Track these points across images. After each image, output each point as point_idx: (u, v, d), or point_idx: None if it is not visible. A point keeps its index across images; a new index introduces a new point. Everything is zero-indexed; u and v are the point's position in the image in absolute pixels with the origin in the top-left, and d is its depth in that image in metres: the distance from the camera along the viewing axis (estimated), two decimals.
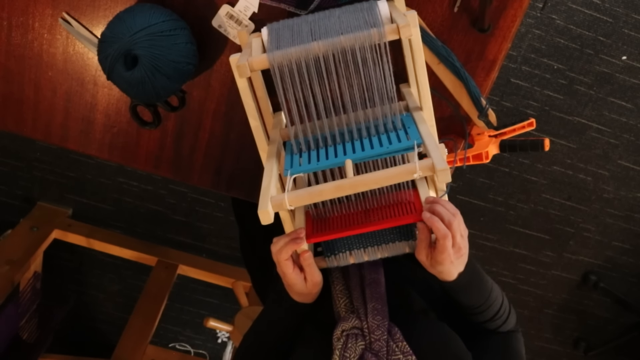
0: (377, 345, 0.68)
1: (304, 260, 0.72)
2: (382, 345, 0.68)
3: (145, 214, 1.99)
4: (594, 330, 2.39)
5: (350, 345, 0.68)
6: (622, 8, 1.69)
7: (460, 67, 0.80)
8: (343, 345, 0.69)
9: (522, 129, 0.98)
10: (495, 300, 0.78)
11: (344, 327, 0.71)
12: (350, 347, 0.68)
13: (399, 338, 0.68)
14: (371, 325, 0.70)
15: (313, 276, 0.74)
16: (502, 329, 0.81)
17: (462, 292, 0.75)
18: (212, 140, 0.93)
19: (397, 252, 0.79)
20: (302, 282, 0.74)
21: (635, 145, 1.95)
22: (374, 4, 0.69)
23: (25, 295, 1.74)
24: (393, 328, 0.70)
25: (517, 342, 0.81)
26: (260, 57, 0.65)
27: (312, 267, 0.73)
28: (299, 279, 0.74)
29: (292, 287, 0.75)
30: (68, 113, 0.91)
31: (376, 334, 0.69)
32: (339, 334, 0.71)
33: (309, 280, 0.74)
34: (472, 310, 0.78)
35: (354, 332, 0.70)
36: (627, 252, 2.19)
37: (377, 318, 0.71)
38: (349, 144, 0.69)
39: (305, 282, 0.74)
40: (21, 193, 1.94)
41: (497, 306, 0.79)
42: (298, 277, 0.73)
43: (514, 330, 0.83)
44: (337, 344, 0.69)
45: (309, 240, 0.72)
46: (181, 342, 2.34)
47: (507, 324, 0.81)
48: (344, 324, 0.71)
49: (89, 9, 0.84)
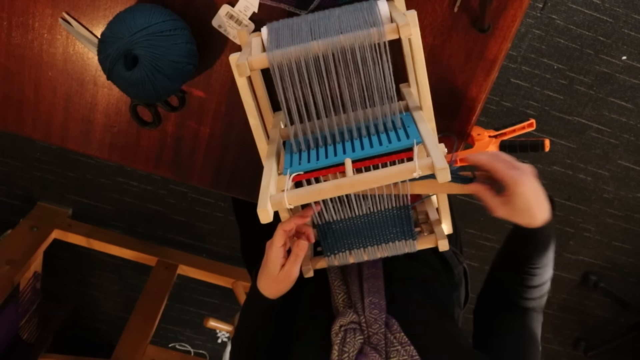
0: (376, 339, 0.69)
1: (297, 246, 0.72)
2: (380, 338, 0.69)
3: (145, 214, 1.99)
4: (594, 330, 2.39)
5: (348, 339, 0.69)
6: (622, 8, 1.69)
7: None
8: (342, 340, 0.69)
9: (522, 129, 0.98)
10: (550, 268, 0.79)
11: (342, 322, 0.71)
12: (349, 341, 0.69)
13: (396, 329, 0.69)
14: (369, 319, 0.71)
15: (291, 269, 0.73)
16: (537, 302, 0.81)
17: (540, 243, 0.75)
18: (212, 140, 0.93)
19: (397, 251, 0.79)
20: (279, 265, 0.73)
21: (635, 145, 1.95)
22: (373, 4, 0.69)
23: (25, 295, 1.74)
24: (390, 320, 0.71)
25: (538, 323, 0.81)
26: (260, 56, 0.65)
27: (297, 259, 0.73)
28: (278, 258, 0.73)
29: (267, 263, 0.74)
30: (68, 113, 0.92)
31: (374, 327, 0.70)
32: (337, 329, 0.71)
33: (285, 269, 0.73)
34: (535, 270, 0.77)
35: (352, 326, 0.71)
36: (627, 252, 2.19)
37: (374, 312, 0.71)
38: (349, 143, 0.69)
39: (280, 268, 0.74)
40: (21, 193, 1.94)
41: (549, 274, 0.79)
42: (278, 256, 0.73)
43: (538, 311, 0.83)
44: (336, 339, 0.70)
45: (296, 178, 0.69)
46: (181, 342, 2.34)
47: (544, 299, 0.82)
48: (342, 319, 0.72)
49: (89, 9, 0.84)
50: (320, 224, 0.77)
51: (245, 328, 0.83)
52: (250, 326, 0.82)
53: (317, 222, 0.77)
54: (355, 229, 0.77)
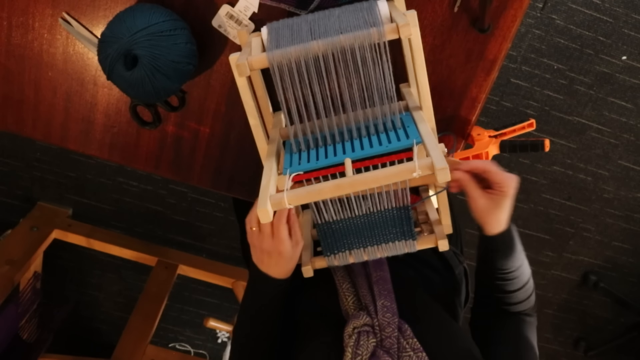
0: (388, 343, 0.69)
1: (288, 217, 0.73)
2: (393, 342, 0.68)
3: (145, 214, 1.99)
4: (594, 330, 2.39)
5: (362, 342, 0.68)
6: (622, 8, 1.69)
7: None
8: (355, 342, 0.69)
9: (522, 129, 0.98)
10: (526, 269, 0.80)
11: (356, 324, 0.71)
12: (362, 344, 0.68)
13: (409, 335, 0.69)
14: (382, 323, 0.70)
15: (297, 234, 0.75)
16: (524, 305, 0.82)
17: (507, 248, 0.77)
18: (212, 140, 0.93)
19: (396, 252, 0.79)
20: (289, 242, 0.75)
21: (635, 145, 1.95)
22: (373, 4, 0.69)
23: (25, 295, 1.74)
24: (403, 325, 0.70)
25: (530, 328, 0.82)
26: (260, 56, 0.65)
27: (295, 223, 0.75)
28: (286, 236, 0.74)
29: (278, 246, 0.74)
30: (68, 113, 0.92)
31: (387, 331, 0.70)
32: (351, 330, 0.71)
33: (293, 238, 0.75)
34: (507, 275, 0.79)
35: (365, 329, 0.70)
36: (627, 252, 2.19)
37: (387, 315, 0.71)
38: (349, 143, 0.69)
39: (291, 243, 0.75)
40: (21, 193, 1.94)
41: (527, 276, 0.81)
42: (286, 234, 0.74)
43: (529, 314, 0.83)
44: (349, 340, 0.69)
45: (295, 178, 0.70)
46: (181, 342, 2.34)
47: (530, 299, 0.82)
48: (355, 321, 0.71)
49: (89, 9, 0.84)
50: (320, 224, 0.77)
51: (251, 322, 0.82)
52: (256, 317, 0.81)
53: (317, 222, 0.77)
54: (355, 229, 0.77)
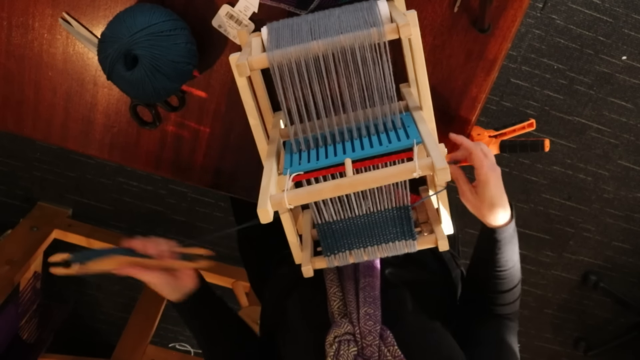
0: (369, 351, 0.69)
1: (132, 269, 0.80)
2: (374, 350, 0.69)
3: (145, 214, 1.99)
4: (594, 330, 2.39)
5: (342, 352, 0.69)
6: (622, 8, 1.69)
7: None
8: (335, 351, 0.69)
9: (522, 129, 0.98)
10: (518, 272, 0.81)
11: (337, 333, 0.71)
12: (342, 353, 0.69)
13: (390, 342, 0.69)
14: (363, 331, 0.71)
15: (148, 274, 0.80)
16: (510, 308, 0.83)
17: (504, 244, 0.77)
18: (212, 140, 0.93)
19: (396, 252, 0.79)
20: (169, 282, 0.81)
21: (635, 145, 1.95)
22: (373, 4, 0.69)
23: (25, 295, 1.74)
24: (385, 332, 0.70)
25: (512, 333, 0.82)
26: (260, 56, 0.65)
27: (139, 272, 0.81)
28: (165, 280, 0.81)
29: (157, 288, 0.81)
30: (68, 113, 0.92)
31: (368, 339, 0.70)
32: (332, 339, 0.71)
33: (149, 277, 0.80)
34: (501, 273, 0.79)
35: (346, 337, 0.71)
36: (627, 252, 2.19)
37: (369, 323, 0.71)
38: (349, 143, 0.69)
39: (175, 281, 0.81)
40: (21, 193, 1.94)
41: (518, 279, 0.81)
42: (163, 280, 0.81)
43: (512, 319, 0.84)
44: (330, 350, 0.70)
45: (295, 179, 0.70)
46: (181, 342, 2.34)
47: (516, 303, 0.83)
48: (337, 330, 0.72)
49: (89, 9, 0.84)
50: (320, 224, 0.77)
51: (198, 336, 0.91)
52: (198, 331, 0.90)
53: (317, 222, 0.77)
54: (355, 229, 0.77)
